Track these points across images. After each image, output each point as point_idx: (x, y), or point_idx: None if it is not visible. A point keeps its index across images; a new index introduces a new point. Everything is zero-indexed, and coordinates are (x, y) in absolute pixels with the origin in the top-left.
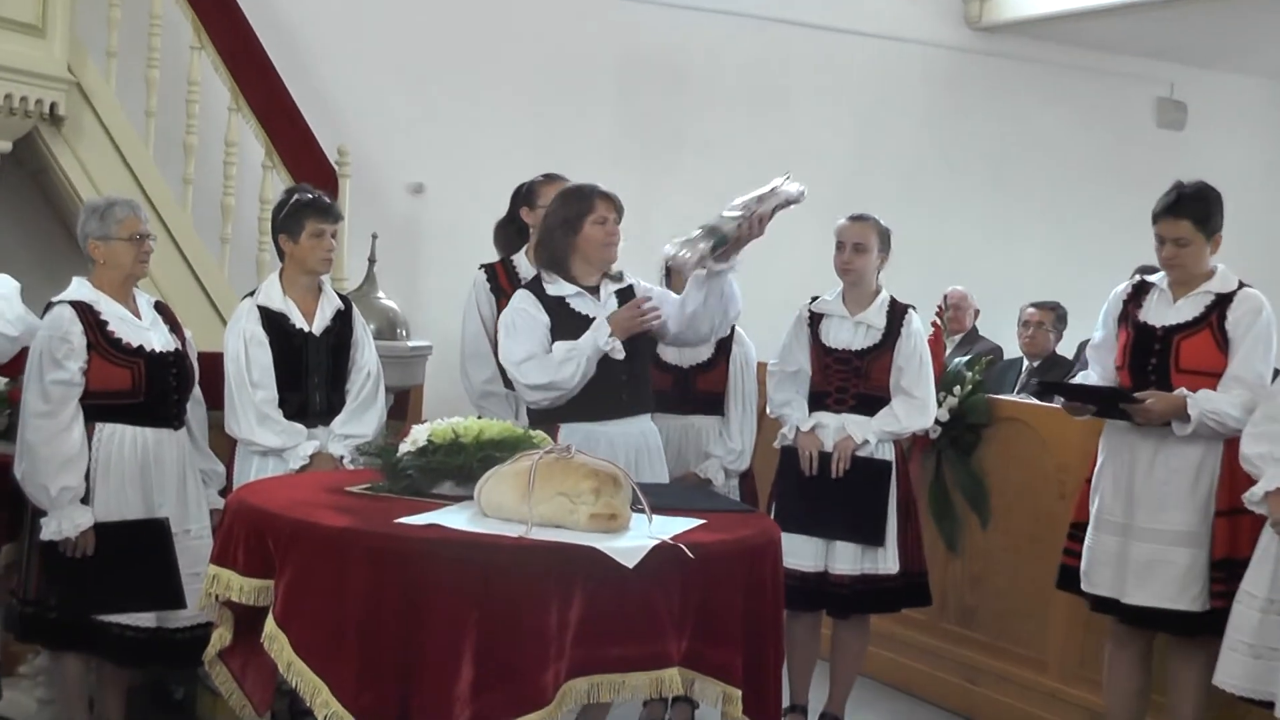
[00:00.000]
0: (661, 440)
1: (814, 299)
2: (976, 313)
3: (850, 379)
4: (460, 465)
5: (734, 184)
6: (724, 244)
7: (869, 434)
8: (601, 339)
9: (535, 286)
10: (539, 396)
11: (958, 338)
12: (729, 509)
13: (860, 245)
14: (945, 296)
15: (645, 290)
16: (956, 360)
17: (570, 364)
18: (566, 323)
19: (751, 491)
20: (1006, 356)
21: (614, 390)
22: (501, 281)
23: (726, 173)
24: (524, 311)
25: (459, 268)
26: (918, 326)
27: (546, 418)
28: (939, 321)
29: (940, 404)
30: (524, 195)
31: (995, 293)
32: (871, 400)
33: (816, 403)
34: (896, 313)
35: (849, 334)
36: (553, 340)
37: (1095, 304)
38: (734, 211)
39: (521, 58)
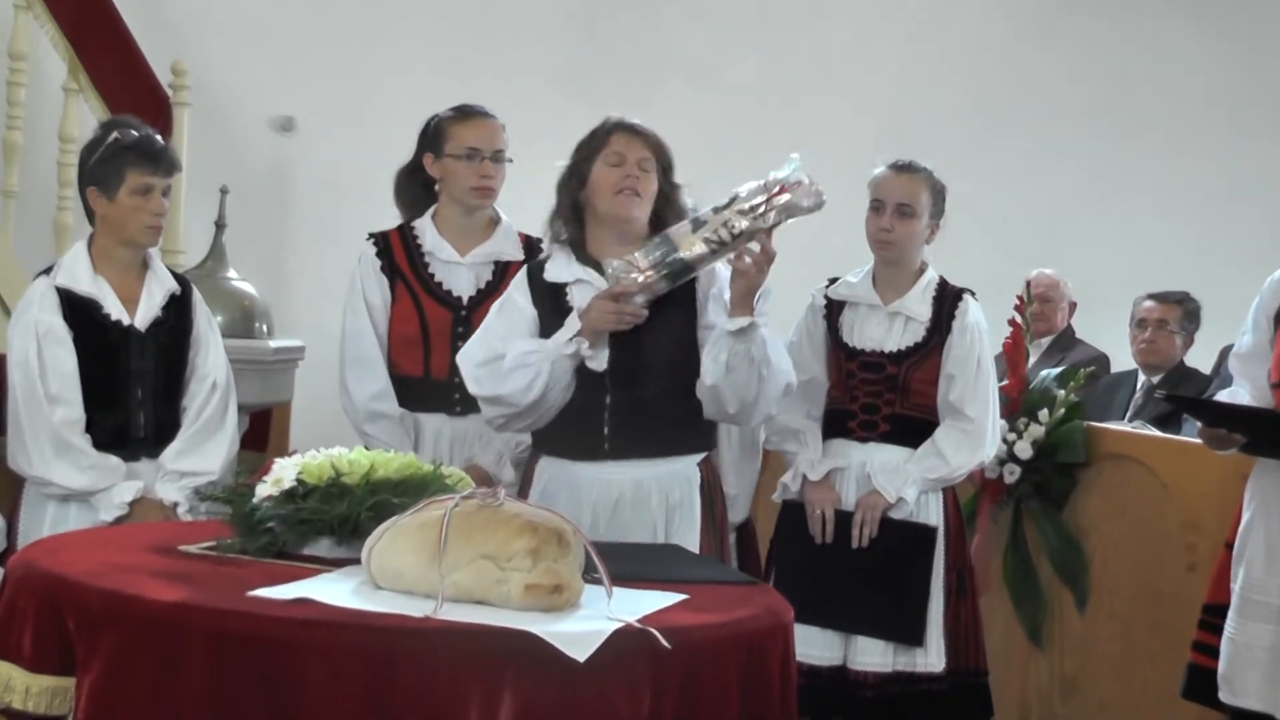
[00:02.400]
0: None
1: (832, 281)
2: (1072, 307)
3: (882, 393)
4: (342, 516)
5: (736, 127)
6: (683, 274)
7: (906, 488)
8: (562, 338)
9: (536, 266)
10: (490, 413)
11: (1046, 341)
12: (721, 579)
13: (906, 207)
14: (1028, 284)
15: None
16: (1044, 373)
17: (521, 373)
18: (555, 319)
19: (752, 551)
20: (1114, 368)
21: (593, 419)
22: (397, 257)
23: (726, 110)
24: (508, 299)
25: (343, 237)
26: (976, 318)
27: (533, 445)
28: (1019, 318)
29: (1019, 434)
30: (429, 136)
31: (1099, 279)
32: (912, 425)
33: (835, 427)
34: (947, 299)
35: (881, 329)
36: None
37: (1240, 297)
38: (712, 226)
39: None
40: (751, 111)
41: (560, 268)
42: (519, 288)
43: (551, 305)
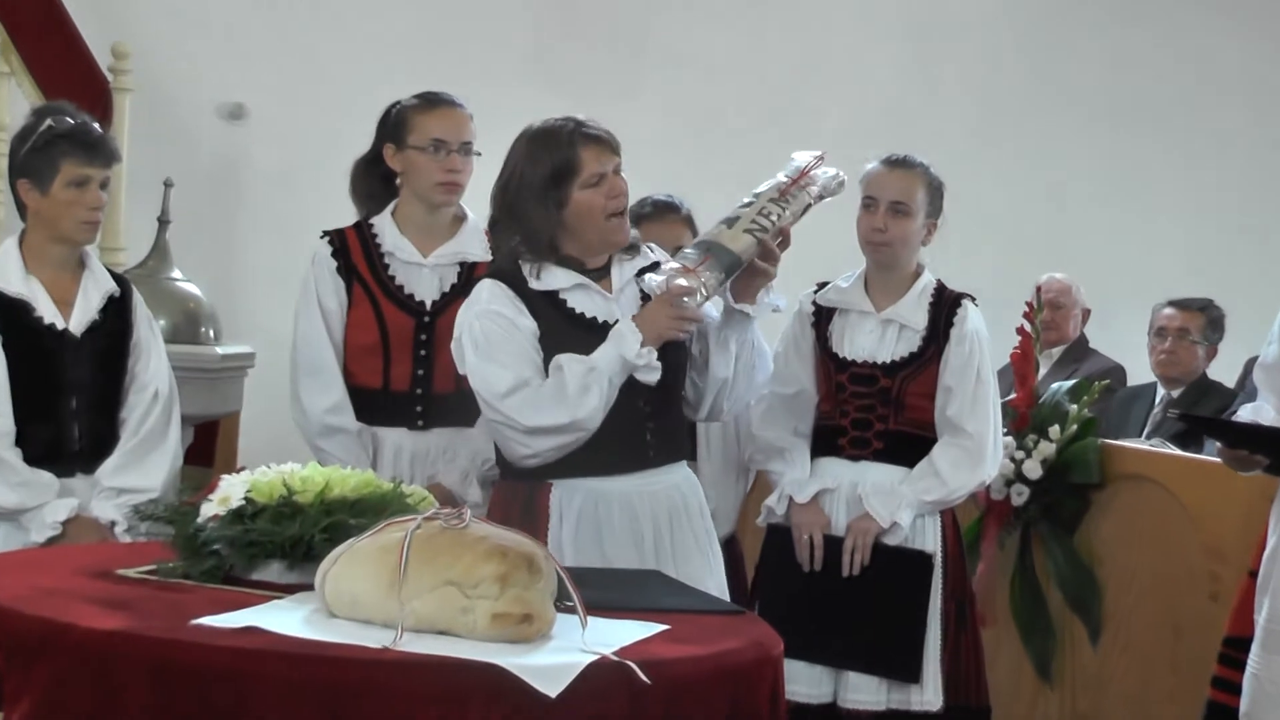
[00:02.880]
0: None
1: (820, 286)
2: (1085, 314)
3: (875, 408)
4: (294, 538)
5: (720, 114)
6: (734, 270)
7: (900, 512)
8: (630, 349)
9: (510, 275)
10: (546, 445)
11: (1057, 352)
12: (706, 609)
13: (900, 205)
14: (1038, 289)
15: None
16: (1055, 386)
17: (593, 392)
18: (564, 330)
19: (738, 575)
20: (1131, 380)
21: (634, 426)
22: (354, 256)
23: (709, 96)
24: (497, 316)
25: (296, 234)
26: (975, 325)
27: (525, 471)
28: (1028, 327)
29: (1027, 452)
30: (390, 126)
31: (1115, 285)
32: (909, 442)
33: (825, 444)
34: (944, 305)
35: (873, 339)
36: (546, 358)
37: (1267, 305)
38: (749, 217)
39: None
40: (737, 97)
41: (547, 275)
42: (501, 301)
43: (554, 314)
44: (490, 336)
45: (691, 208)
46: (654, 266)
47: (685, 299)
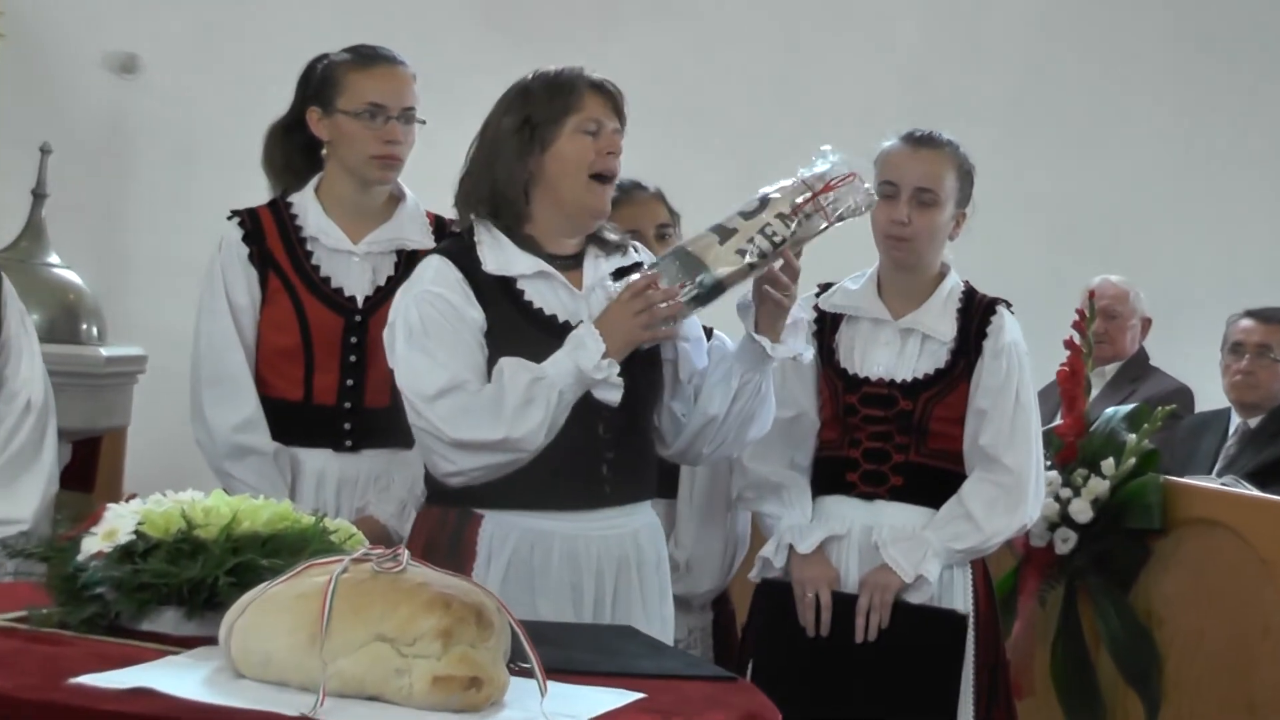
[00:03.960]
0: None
1: (824, 288)
2: (1146, 325)
3: (892, 435)
4: (195, 581)
5: (712, 80)
6: (714, 296)
7: (926, 563)
8: (588, 359)
9: (461, 251)
10: (473, 464)
11: (1111, 369)
12: (689, 673)
13: (926, 193)
14: (1090, 295)
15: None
16: (1109, 411)
17: (537, 407)
18: (517, 327)
19: (728, 639)
20: (1200, 405)
21: (591, 456)
22: (270, 242)
23: (699, 57)
24: (440, 300)
25: (198, 214)
26: (1013, 337)
27: (454, 496)
28: (1078, 339)
29: (1075, 490)
30: (315, 85)
31: (1181, 290)
32: (933, 477)
33: (831, 480)
34: (975, 313)
35: (890, 352)
36: (492, 358)
37: None
38: (746, 234)
39: None
40: (731, 58)
41: (505, 256)
42: (448, 284)
43: (507, 306)
44: (428, 323)
45: (673, 189)
46: (636, 268)
47: (659, 303)
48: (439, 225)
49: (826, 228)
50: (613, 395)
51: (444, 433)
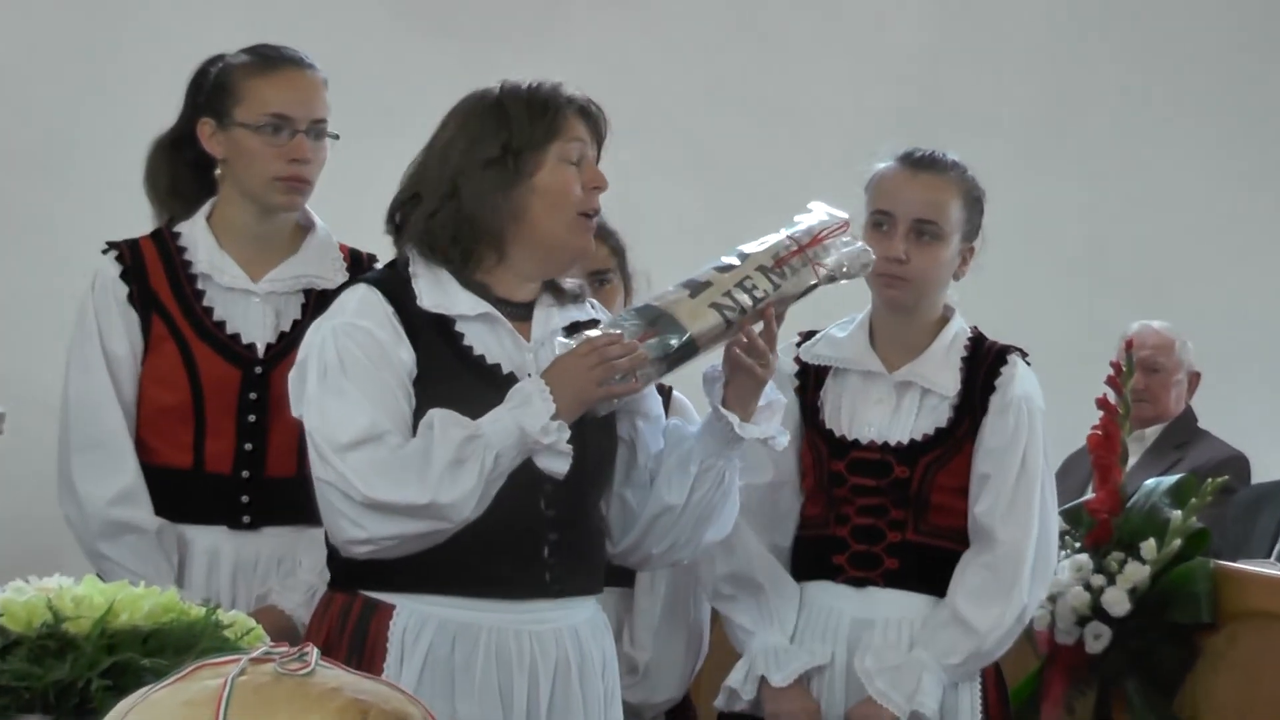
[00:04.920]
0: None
1: (805, 337)
2: (1194, 380)
3: (887, 509)
4: (63, 684)
5: (679, 85)
6: (686, 358)
7: (921, 694)
8: (533, 419)
9: (393, 282)
10: (387, 531)
11: (1153, 432)
12: None
13: (928, 225)
14: (1127, 344)
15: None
16: (1150, 483)
17: (469, 471)
18: (452, 374)
19: None
20: (1257, 476)
21: (530, 536)
22: (153, 280)
23: (667, 55)
24: (364, 335)
25: (63, 247)
26: (1025, 390)
27: (361, 578)
28: (1112, 396)
29: (1109, 578)
30: (208, 92)
31: (1234, 339)
32: (936, 558)
33: (815, 563)
34: (983, 362)
35: (884, 410)
36: (420, 409)
37: None
38: (723, 287)
39: None
40: (694, 58)
41: (446, 293)
42: (375, 317)
43: (443, 350)
44: (347, 361)
45: (623, 215)
46: (591, 326)
47: (618, 357)
48: (355, 260)
49: (816, 285)
50: (558, 465)
51: (356, 489)
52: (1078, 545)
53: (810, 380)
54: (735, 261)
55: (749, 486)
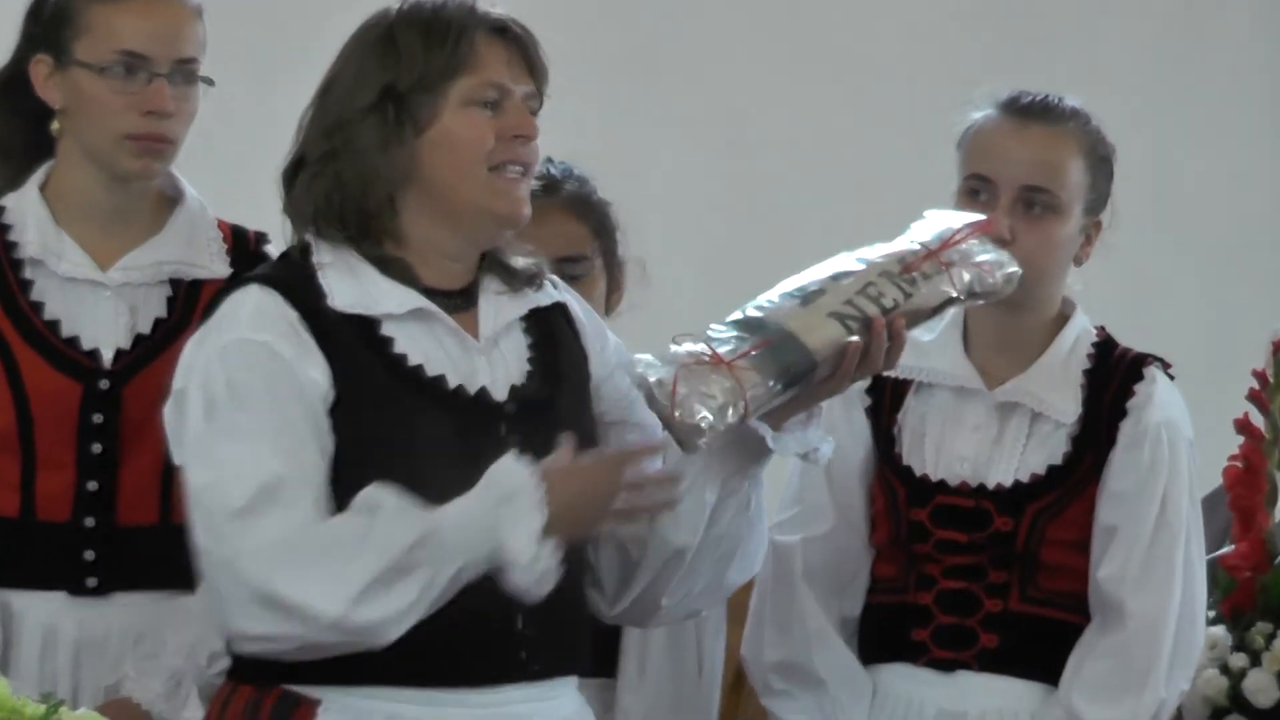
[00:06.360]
0: None
1: None
2: None
3: (985, 570)
4: None
5: (675, 24)
6: (803, 376)
7: None
8: (517, 538)
9: (294, 278)
10: (282, 632)
11: None
12: None
13: (1040, 193)
14: (1275, 346)
15: (616, 361)
16: None
17: (412, 584)
18: (384, 392)
19: None
20: None
21: (497, 609)
22: None
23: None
24: (260, 353)
25: None
26: (1169, 415)
27: (275, 662)
28: (1258, 420)
29: (1252, 655)
30: (46, 22)
31: None
32: (1049, 634)
33: (889, 639)
34: (1114, 376)
35: (982, 440)
36: (343, 444)
37: None
38: (844, 293)
39: None
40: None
41: (363, 287)
42: (275, 328)
43: (366, 361)
44: (241, 391)
45: (612, 185)
46: (559, 311)
47: (689, 436)
48: (239, 241)
49: (955, 299)
50: (536, 589)
51: (249, 574)
52: (1212, 614)
53: (885, 398)
54: (853, 267)
55: (805, 540)
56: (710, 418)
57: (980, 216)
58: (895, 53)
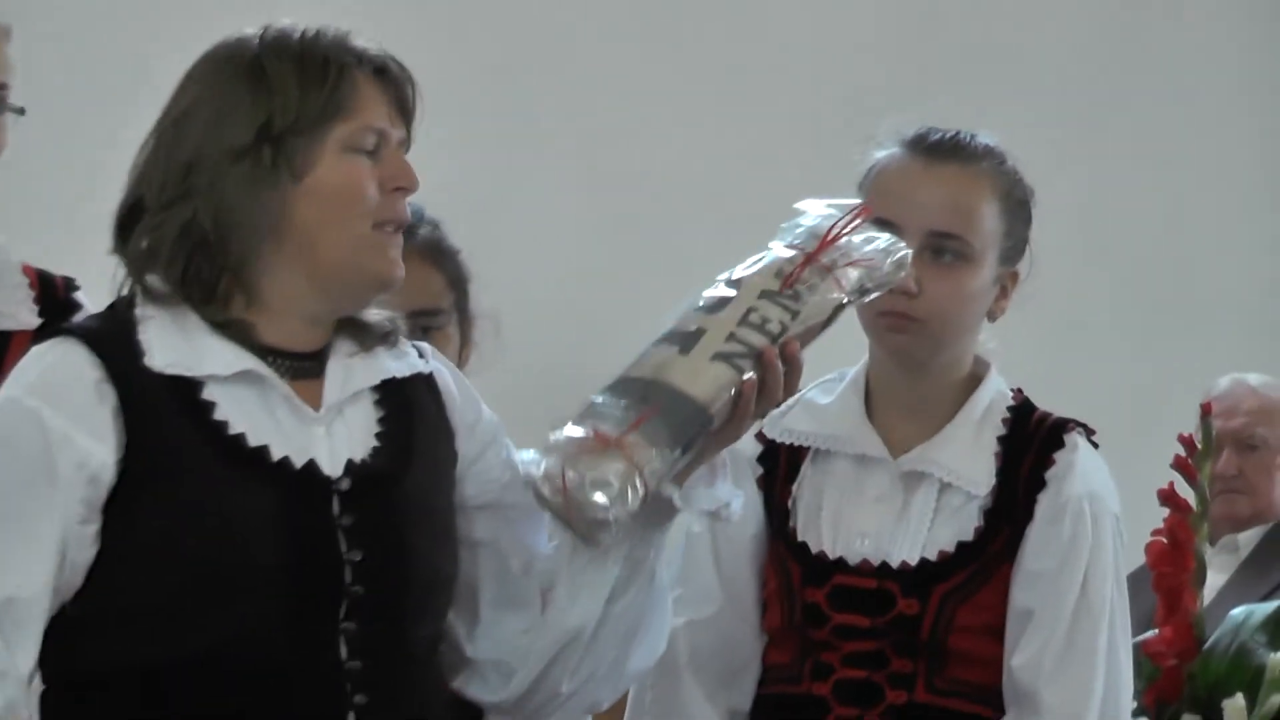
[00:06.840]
0: None
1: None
2: None
3: (887, 658)
4: None
5: (549, 40)
6: (700, 434)
7: None
8: None
9: (108, 332)
10: None
11: (1248, 539)
12: None
13: (951, 240)
14: (1204, 408)
15: (489, 438)
16: (1237, 613)
17: None
18: (198, 463)
19: None
20: None
21: (330, 702)
22: None
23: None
24: (21, 424)
25: None
26: (1090, 487)
27: None
28: (1184, 487)
29: None
30: None
31: None
32: None
33: None
34: (1032, 442)
35: (885, 514)
36: (147, 521)
37: None
38: (723, 328)
39: None
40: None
41: (190, 344)
42: (57, 394)
43: (182, 429)
44: None
45: (472, 221)
46: (423, 382)
47: (591, 531)
48: (47, 289)
49: (846, 303)
50: None
51: None
52: (1134, 705)
53: (779, 468)
54: (727, 293)
55: (690, 624)
56: (609, 506)
57: (856, 201)
58: (785, 79)
